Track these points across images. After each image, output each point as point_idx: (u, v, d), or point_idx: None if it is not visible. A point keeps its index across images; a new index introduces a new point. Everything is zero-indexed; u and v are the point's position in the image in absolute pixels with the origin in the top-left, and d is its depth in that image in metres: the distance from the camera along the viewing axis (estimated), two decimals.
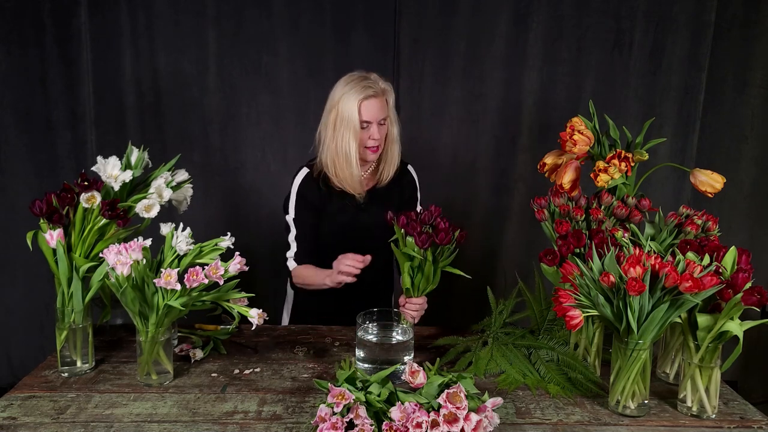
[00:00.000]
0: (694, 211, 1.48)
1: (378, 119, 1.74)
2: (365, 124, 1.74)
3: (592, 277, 1.24)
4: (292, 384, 1.38)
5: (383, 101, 1.76)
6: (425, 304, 1.59)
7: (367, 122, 1.74)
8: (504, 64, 2.63)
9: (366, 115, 1.73)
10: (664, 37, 2.61)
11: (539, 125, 2.68)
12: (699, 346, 1.24)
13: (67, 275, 1.37)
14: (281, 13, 2.58)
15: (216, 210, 2.71)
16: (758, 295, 1.17)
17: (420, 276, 1.52)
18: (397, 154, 1.85)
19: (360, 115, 1.72)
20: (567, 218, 1.47)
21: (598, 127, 1.61)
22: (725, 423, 1.24)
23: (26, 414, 1.23)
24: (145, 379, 1.36)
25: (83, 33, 2.58)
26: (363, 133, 1.75)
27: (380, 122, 1.76)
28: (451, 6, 2.59)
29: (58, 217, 1.37)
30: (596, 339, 1.42)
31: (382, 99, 1.75)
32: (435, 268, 1.49)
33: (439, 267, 1.50)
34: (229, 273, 1.34)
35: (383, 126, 1.77)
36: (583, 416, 1.25)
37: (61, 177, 2.59)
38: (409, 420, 1.08)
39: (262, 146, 2.70)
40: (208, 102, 2.65)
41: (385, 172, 1.86)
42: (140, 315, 1.31)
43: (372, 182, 1.89)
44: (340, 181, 1.80)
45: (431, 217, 1.48)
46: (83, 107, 2.63)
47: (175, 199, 1.55)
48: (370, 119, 1.73)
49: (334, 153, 1.76)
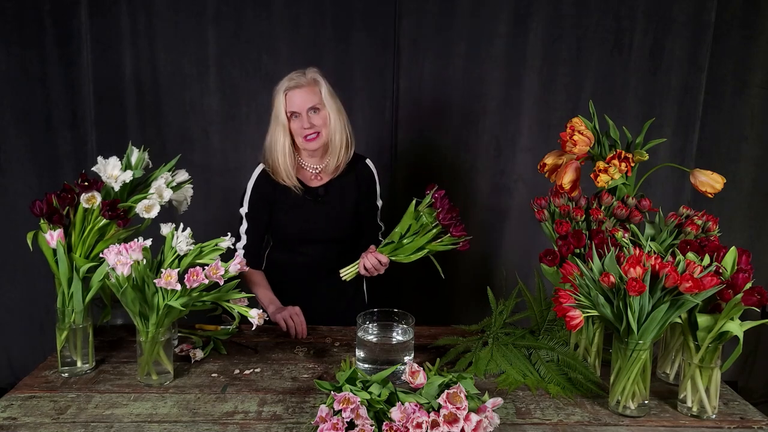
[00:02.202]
0: (694, 212, 1.48)
1: (305, 108, 1.79)
2: (294, 115, 1.80)
3: (592, 277, 1.24)
4: (293, 384, 1.38)
5: (311, 90, 1.80)
6: (382, 269, 1.70)
7: (295, 113, 1.80)
8: (504, 64, 2.63)
9: (291, 106, 1.79)
10: (664, 37, 2.61)
11: (539, 125, 2.68)
12: (699, 347, 1.24)
13: (67, 275, 1.37)
14: (281, 13, 2.58)
15: (216, 210, 2.70)
16: (758, 295, 1.17)
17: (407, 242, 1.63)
18: (343, 144, 1.86)
19: (286, 106, 1.79)
20: (567, 218, 1.47)
21: (598, 127, 1.61)
22: (725, 423, 1.24)
23: (26, 414, 1.23)
24: (146, 379, 1.36)
25: (83, 33, 2.58)
26: (294, 123, 1.81)
27: (311, 110, 1.79)
28: (451, 6, 2.58)
29: (58, 218, 1.37)
30: (596, 339, 1.42)
31: (308, 88, 1.79)
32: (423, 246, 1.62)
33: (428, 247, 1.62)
34: (230, 273, 1.35)
35: (317, 114, 1.81)
36: (583, 416, 1.25)
37: (61, 177, 2.59)
38: (410, 420, 1.08)
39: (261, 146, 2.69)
40: (208, 102, 2.65)
41: (331, 161, 1.88)
42: (140, 315, 1.31)
43: (326, 176, 1.91)
44: (274, 172, 1.86)
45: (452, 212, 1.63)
46: (83, 107, 2.63)
47: (175, 200, 1.55)
48: (296, 109, 1.79)
49: (270, 147, 1.85)
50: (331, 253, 1.85)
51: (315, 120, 1.80)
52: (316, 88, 1.81)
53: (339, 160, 1.88)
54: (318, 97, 1.80)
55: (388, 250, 1.68)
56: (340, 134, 1.85)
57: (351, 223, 1.92)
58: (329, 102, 1.82)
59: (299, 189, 1.87)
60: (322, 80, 1.83)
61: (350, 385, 1.17)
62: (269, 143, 1.85)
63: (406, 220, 1.66)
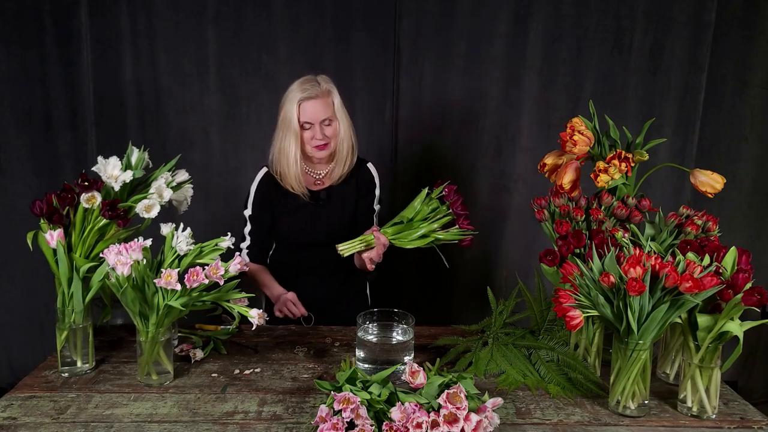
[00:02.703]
0: (694, 212, 1.48)
1: (319, 119, 1.79)
2: (307, 125, 1.80)
3: (592, 277, 1.24)
4: (293, 384, 1.38)
5: (325, 102, 1.80)
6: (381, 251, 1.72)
7: (308, 123, 1.80)
8: (504, 64, 2.63)
9: (305, 117, 1.79)
10: (664, 37, 2.61)
11: (539, 125, 2.68)
12: (699, 347, 1.24)
13: (67, 275, 1.37)
14: (281, 13, 2.58)
15: (216, 210, 2.71)
16: (758, 295, 1.17)
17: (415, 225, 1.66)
18: (349, 152, 1.89)
19: (299, 116, 1.78)
20: (567, 218, 1.47)
21: (598, 127, 1.61)
22: (725, 423, 1.24)
23: (26, 414, 1.23)
24: (146, 379, 1.36)
25: (83, 33, 2.58)
26: (306, 133, 1.81)
27: (324, 122, 1.80)
28: (451, 6, 2.58)
29: (58, 218, 1.37)
30: (596, 339, 1.42)
31: (323, 100, 1.79)
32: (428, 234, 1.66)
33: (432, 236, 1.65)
34: (230, 273, 1.35)
35: (329, 126, 1.82)
36: (583, 416, 1.25)
37: (61, 177, 2.59)
38: (410, 420, 1.08)
39: (262, 146, 2.67)
40: (208, 102, 2.65)
41: (336, 169, 1.90)
42: (140, 315, 1.31)
43: (329, 181, 1.93)
44: (283, 179, 1.87)
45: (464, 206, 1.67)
46: (83, 107, 2.63)
47: (175, 200, 1.55)
48: (310, 120, 1.79)
49: (278, 153, 1.84)
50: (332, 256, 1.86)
51: (327, 131, 1.81)
52: (329, 99, 1.81)
53: (344, 169, 1.90)
54: (331, 110, 1.82)
55: (391, 232, 1.68)
56: (347, 144, 1.87)
57: (352, 227, 1.93)
58: (340, 113, 1.84)
59: (306, 195, 1.89)
60: (335, 90, 1.84)
61: (350, 385, 1.17)
62: (278, 150, 1.84)
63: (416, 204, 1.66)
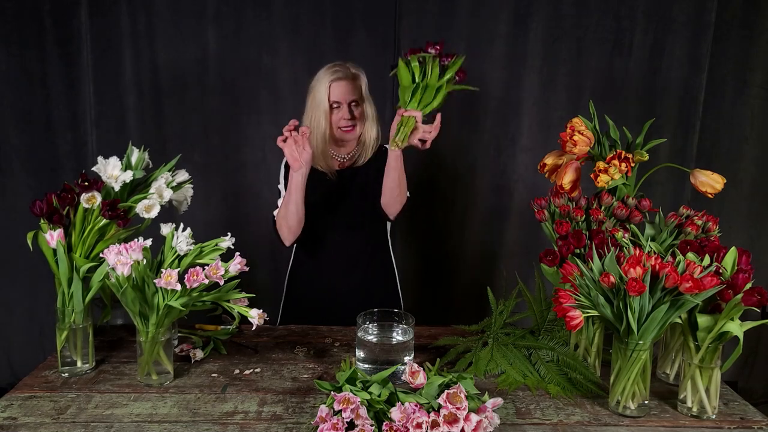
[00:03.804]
0: (695, 212, 1.48)
1: (348, 100, 1.84)
2: (336, 104, 1.84)
3: (592, 277, 1.24)
4: (293, 384, 1.38)
5: (354, 84, 1.85)
6: (421, 122, 1.65)
7: (338, 102, 1.84)
8: (504, 64, 2.63)
9: (335, 96, 1.83)
10: (664, 37, 2.61)
11: (539, 125, 2.68)
12: (699, 347, 1.24)
13: (67, 275, 1.37)
14: (281, 13, 2.58)
15: (216, 210, 2.71)
16: (758, 295, 1.17)
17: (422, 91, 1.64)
18: (374, 136, 1.92)
19: (329, 95, 1.82)
20: (567, 219, 1.47)
21: (598, 127, 1.61)
22: (725, 423, 1.24)
23: (26, 414, 1.23)
24: (146, 379, 1.36)
25: (83, 33, 2.58)
26: (335, 113, 1.85)
27: (352, 103, 1.85)
28: (451, 6, 2.58)
29: (58, 218, 1.37)
30: (596, 339, 1.42)
31: (352, 82, 1.84)
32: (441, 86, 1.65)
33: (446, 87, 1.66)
34: (230, 273, 1.34)
35: (357, 107, 1.86)
36: (583, 417, 1.25)
37: (61, 177, 2.59)
38: (410, 420, 1.08)
39: (262, 146, 2.70)
40: (208, 102, 2.65)
41: (362, 154, 1.93)
42: (140, 315, 1.31)
43: (351, 162, 1.96)
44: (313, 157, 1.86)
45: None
46: (83, 107, 2.63)
47: (175, 200, 1.55)
48: (339, 99, 1.84)
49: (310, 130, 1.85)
50: (356, 240, 1.85)
51: (355, 112, 1.86)
52: (358, 82, 1.86)
53: (369, 153, 1.93)
54: (359, 92, 1.86)
55: (413, 105, 1.64)
56: (375, 131, 1.91)
57: (372, 208, 1.93)
58: (368, 98, 1.88)
59: (333, 174, 1.91)
60: (363, 75, 1.88)
61: (350, 385, 1.17)
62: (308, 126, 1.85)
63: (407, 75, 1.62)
